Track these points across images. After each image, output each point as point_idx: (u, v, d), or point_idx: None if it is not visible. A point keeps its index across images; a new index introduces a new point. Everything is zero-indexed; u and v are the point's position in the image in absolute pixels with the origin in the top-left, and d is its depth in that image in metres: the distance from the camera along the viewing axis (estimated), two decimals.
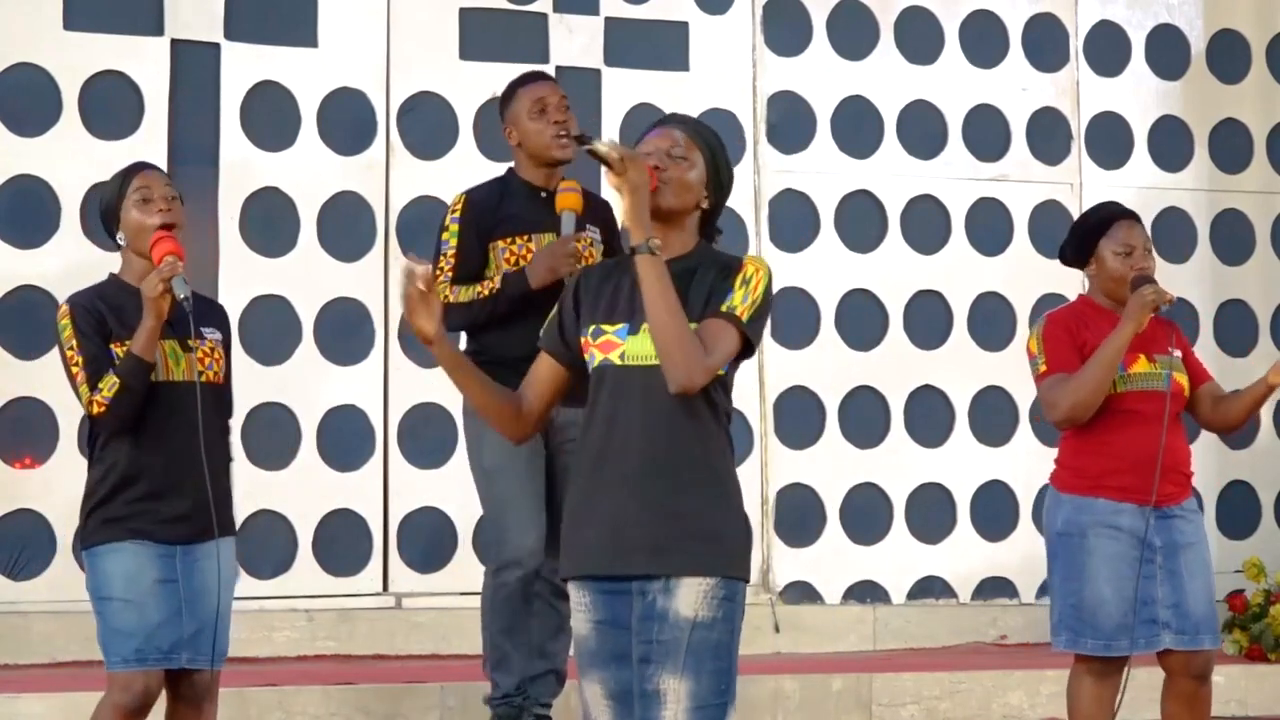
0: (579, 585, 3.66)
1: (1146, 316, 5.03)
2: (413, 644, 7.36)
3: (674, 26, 8.20)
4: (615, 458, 3.61)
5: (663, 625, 3.56)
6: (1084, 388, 5.02)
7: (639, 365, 3.61)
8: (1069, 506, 5.12)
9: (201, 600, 4.63)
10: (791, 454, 8.08)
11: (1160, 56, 8.82)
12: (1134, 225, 5.23)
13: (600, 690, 3.64)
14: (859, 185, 8.35)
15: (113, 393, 4.51)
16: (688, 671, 3.55)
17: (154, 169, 4.76)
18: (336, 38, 7.73)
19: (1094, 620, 5.03)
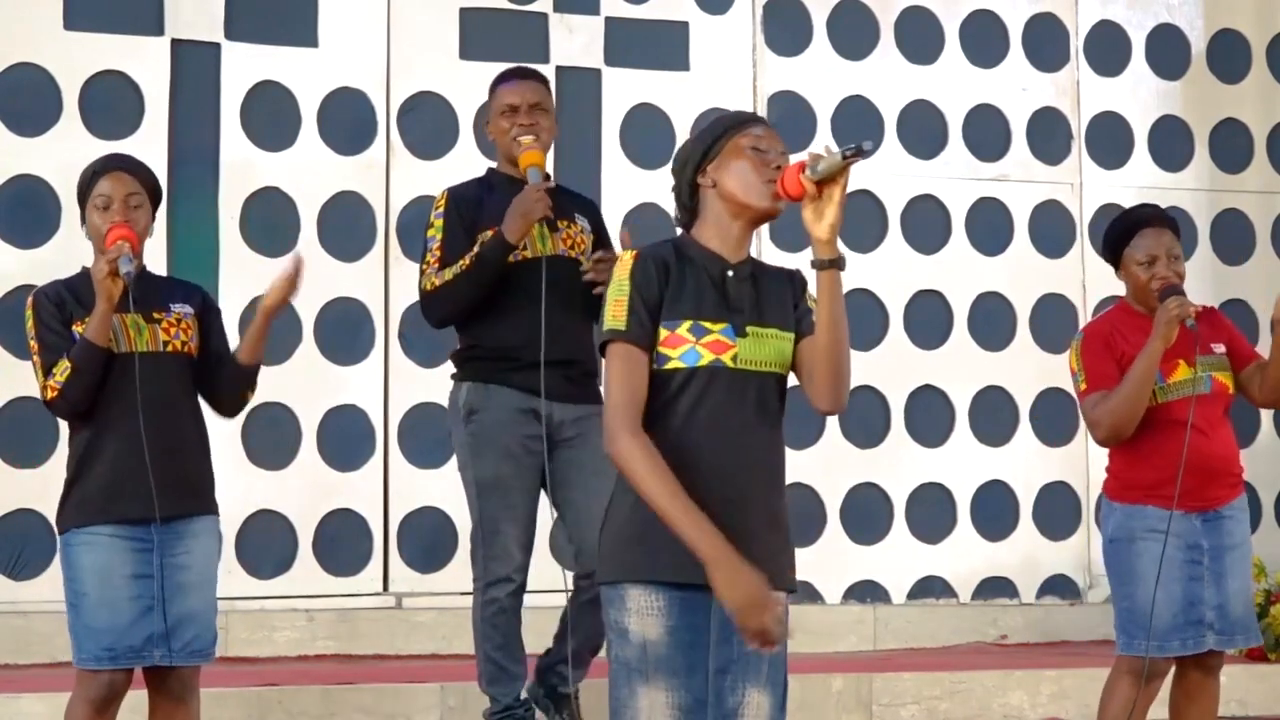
0: (651, 588, 3.47)
1: (1173, 331, 5.03)
2: (413, 644, 7.36)
3: (674, 26, 8.20)
4: (722, 461, 3.47)
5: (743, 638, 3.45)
6: (1121, 408, 5.05)
7: (753, 370, 3.55)
8: (1119, 514, 5.18)
9: (179, 595, 4.59)
10: (791, 454, 7.99)
11: (1160, 56, 8.82)
12: (1160, 232, 5.21)
13: (666, 699, 3.46)
14: (859, 185, 8.35)
15: (64, 376, 4.52)
16: (768, 685, 3.52)
17: (121, 172, 4.74)
18: (336, 38, 7.73)
19: (1146, 622, 5.07)
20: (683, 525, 3.37)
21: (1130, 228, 5.24)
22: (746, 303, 3.58)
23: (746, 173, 3.60)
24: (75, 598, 4.58)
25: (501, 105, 5.45)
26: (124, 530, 4.56)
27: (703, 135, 3.67)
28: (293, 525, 7.49)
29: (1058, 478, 8.42)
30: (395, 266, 7.67)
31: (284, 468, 7.50)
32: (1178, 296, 5.05)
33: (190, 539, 4.64)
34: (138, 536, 4.57)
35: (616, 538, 3.54)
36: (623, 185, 7.90)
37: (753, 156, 3.61)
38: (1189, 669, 5.20)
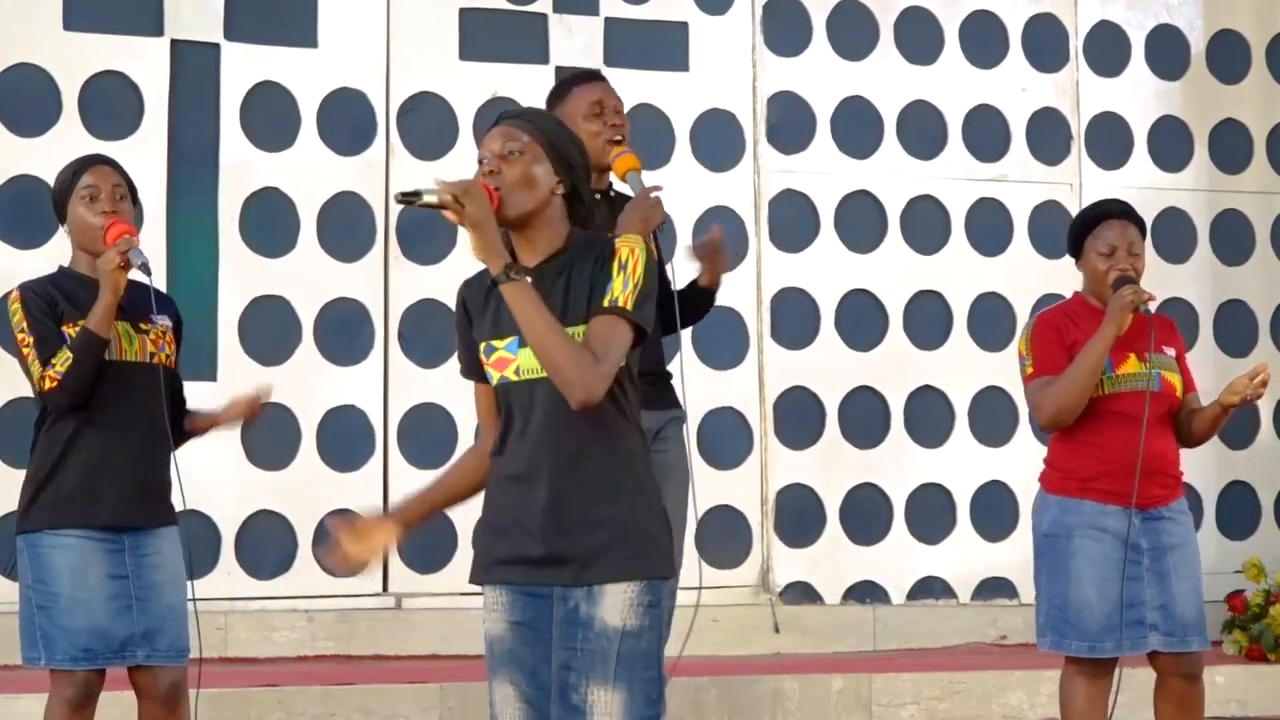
0: (497, 586, 3.56)
1: (1126, 318, 5.00)
2: (413, 644, 7.36)
3: (674, 26, 8.20)
4: (531, 471, 3.50)
5: (588, 633, 3.45)
6: (1068, 392, 5.00)
7: (536, 378, 3.49)
8: (1056, 508, 5.10)
9: (154, 594, 4.60)
10: (791, 454, 8.08)
11: (1160, 56, 8.83)
12: (1123, 225, 5.16)
13: (513, 693, 3.52)
14: (859, 185, 8.36)
15: (65, 367, 4.51)
16: (619, 683, 3.43)
17: (105, 164, 4.75)
18: (336, 38, 7.73)
19: (1079, 622, 5.01)
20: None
21: (1094, 219, 5.22)
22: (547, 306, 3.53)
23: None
24: (45, 599, 4.54)
25: (586, 106, 5.23)
26: (95, 534, 4.57)
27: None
28: (292, 525, 7.49)
29: None
30: (395, 267, 7.67)
31: (284, 468, 7.50)
32: (1132, 285, 5.02)
33: (159, 541, 4.65)
34: (108, 539, 4.58)
35: (476, 539, 3.67)
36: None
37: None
38: (1169, 676, 5.12)
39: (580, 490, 3.49)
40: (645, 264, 3.51)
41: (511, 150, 3.53)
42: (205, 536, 7.27)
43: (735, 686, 6.59)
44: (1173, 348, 5.20)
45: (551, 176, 3.56)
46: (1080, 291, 5.29)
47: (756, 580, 8.00)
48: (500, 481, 3.56)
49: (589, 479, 3.50)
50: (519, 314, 3.42)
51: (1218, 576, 7.63)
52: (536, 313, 3.41)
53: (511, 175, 3.52)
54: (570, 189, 3.59)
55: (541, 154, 3.55)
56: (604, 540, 3.48)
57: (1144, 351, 5.08)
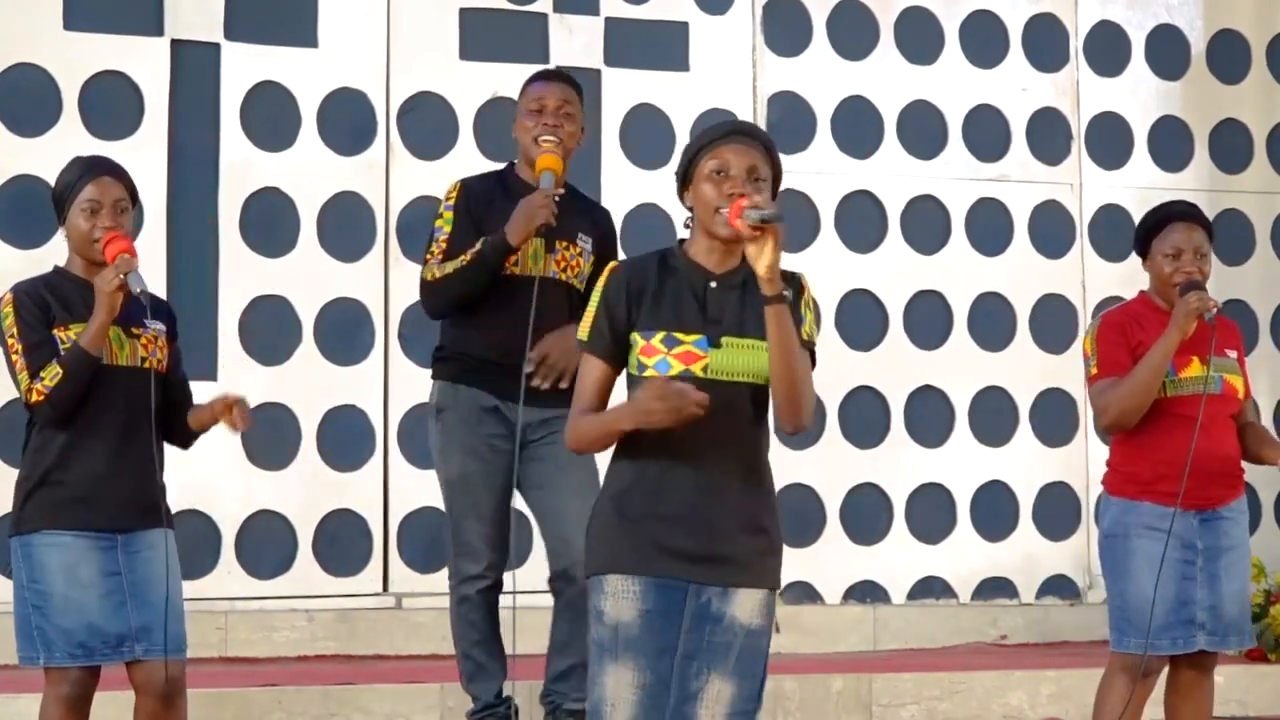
0: (628, 575, 3.66)
1: (1191, 324, 5.02)
2: (413, 644, 7.36)
3: (674, 26, 8.20)
4: (698, 465, 3.64)
5: (716, 627, 3.63)
6: (1131, 395, 5.04)
7: (725, 380, 3.66)
8: (1117, 508, 5.17)
9: (148, 590, 4.60)
10: (791, 454, 8.07)
11: (1160, 56, 8.82)
12: (1189, 227, 5.19)
13: (631, 679, 3.63)
14: (859, 185, 8.36)
15: (54, 381, 4.52)
16: (734, 675, 3.63)
17: (109, 175, 4.74)
18: (336, 38, 7.73)
19: (1137, 619, 5.07)
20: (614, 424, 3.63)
21: (1163, 220, 5.24)
22: (728, 313, 3.70)
23: (707, 200, 3.71)
24: (38, 598, 4.55)
25: (529, 103, 5.36)
26: (88, 533, 4.58)
27: (682, 157, 3.79)
28: (293, 525, 7.49)
29: (1057, 478, 8.42)
30: (395, 266, 7.67)
31: (284, 468, 7.50)
32: (1199, 291, 5.05)
33: (151, 538, 4.66)
34: (102, 537, 4.59)
35: (599, 533, 3.74)
36: (622, 186, 7.90)
37: (713, 181, 3.69)
38: (1182, 668, 5.19)
39: (751, 496, 3.70)
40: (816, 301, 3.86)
41: (761, 175, 3.71)
42: (205, 536, 7.27)
43: None
44: (1234, 350, 5.24)
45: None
46: (1145, 291, 5.30)
47: None
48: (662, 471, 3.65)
49: (758, 489, 3.72)
50: (783, 337, 3.62)
51: None
52: (794, 339, 3.65)
53: (758, 200, 3.64)
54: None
55: (771, 183, 3.79)
56: (760, 548, 3.70)
57: (1206, 355, 5.10)
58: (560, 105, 5.36)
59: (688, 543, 3.64)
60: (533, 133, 5.31)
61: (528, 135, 5.33)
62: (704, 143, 3.72)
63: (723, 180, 3.67)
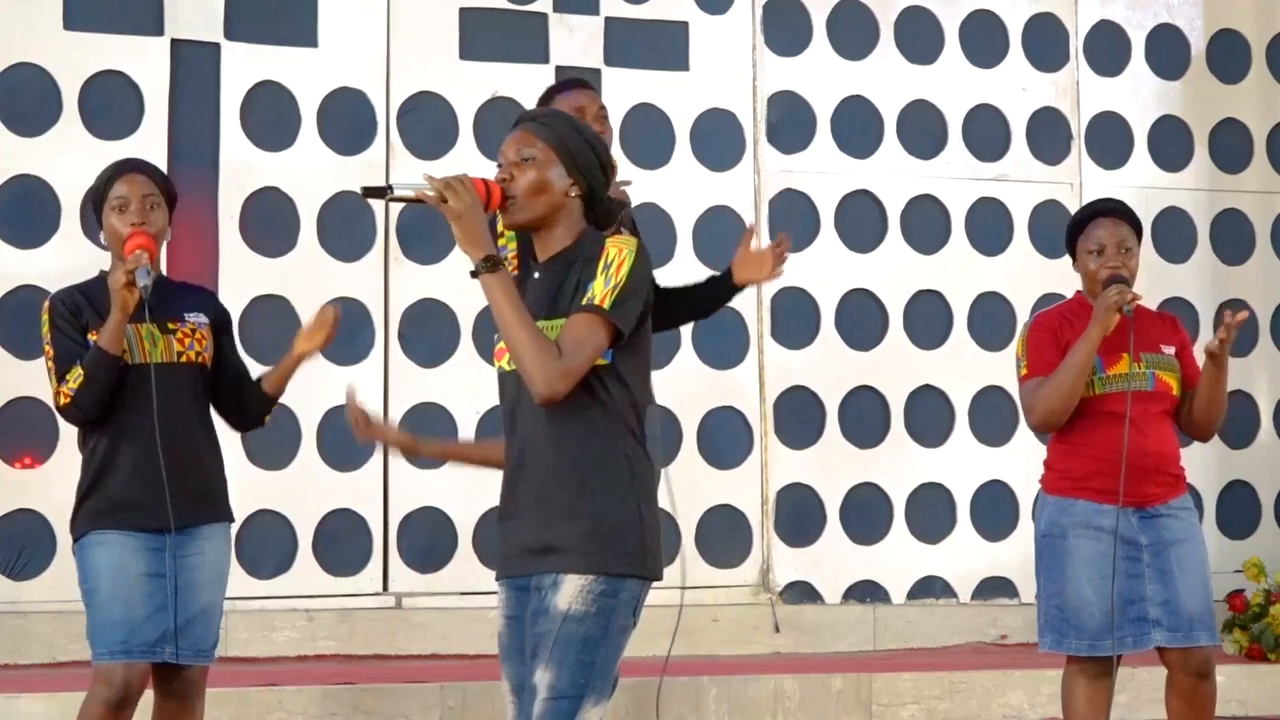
0: (499, 582, 3.73)
1: (1112, 318, 4.98)
2: (413, 644, 7.36)
3: (674, 26, 8.20)
4: (521, 462, 3.66)
5: (542, 619, 3.58)
6: (1056, 393, 5.01)
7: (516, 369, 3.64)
8: (1052, 508, 5.11)
9: (191, 594, 4.63)
10: (791, 454, 8.08)
11: (1160, 56, 8.83)
12: (1114, 222, 5.15)
13: (506, 685, 3.70)
14: (859, 185, 8.36)
15: (77, 384, 4.54)
16: (551, 663, 3.55)
17: (137, 173, 4.76)
18: (336, 38, 7.73)
19: (1077, 621, 5.01)
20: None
21: (1085, 219, 5.22)
22: (542, 301, 3.65)
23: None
24: (89, 595, 4.60)
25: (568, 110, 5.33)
26: (136, 534, 4.59)
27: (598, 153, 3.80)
28: (293, 525, 7.49)
29: None
30: (395, 266, 7.68)
31: (284, 468, 7.50)
32: (1119, 284, 5.00)
33: (203, 541, 4.68)
34: (150, 538, 4.61)
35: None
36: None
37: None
38: (1178, 673, 5.11)
39: (559, 482, 3.61)
40: (632, 265, 3.60)
41: (526, 156, 3.67)
42: None
43: (735, 686, 6.59)
44: (1173, 345, 5.19)
45: (565, 179, 3.68)
46: (1080, 291, 5.28)
47: (756, 580, 8.00)
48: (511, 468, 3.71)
49: (568, 471, 3.60)
50: (492, 305, 3.57)
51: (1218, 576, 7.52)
52: (509, 305, 3.55)
53: (524, 182, 3.66)
54: (587, 190, 3.71)
55: (555, 158, 3.67)
56: (579, 531, 3.58)
57: (1142, 351, 5.07)
58: (598, 112, 5.34)
59: (521, 539, 3.64)
60: None
61: None
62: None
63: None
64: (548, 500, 3.61)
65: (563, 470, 3.60)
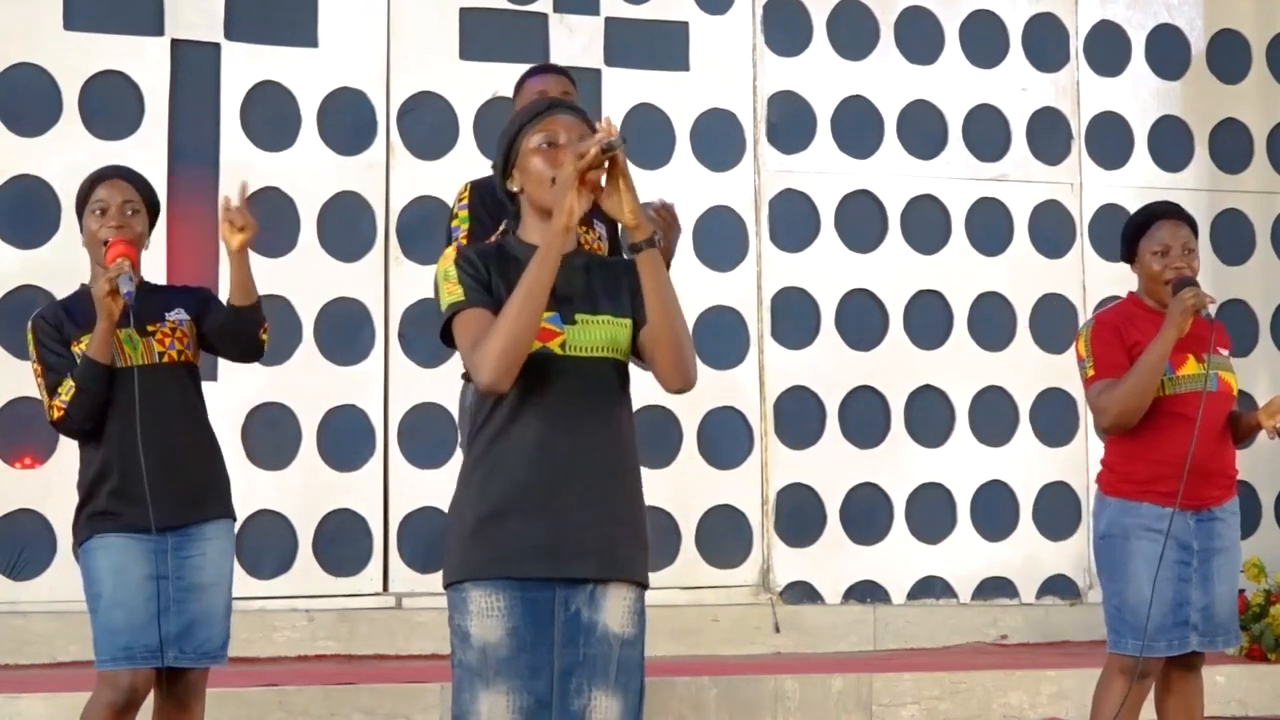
0: (491, 586, 3.41)
1: (1187, 321, 5.01)
2: (413, 644, 7.36)
3: (674, 26, 8.20)
4: (561, 451, 3.43)
5: (590, 638, 3.42)
6: (1130, 395, 5.02)
7: (584, 356, 3.48)
8: (1114, 509, 5.14)
9: (191, 596, 4.62)
10: (791, 454, 8.08)
11: (1160, 56, 8.83)
12: (1176, 225, 5.20)
13: (508, 703, 3.39)
14: (859, 185, 8.36)
15: (69, 395, 4.56)
16: (617, 688, 3.43)
17: (118, 179, 4.76)
18: (336, 38, 7.73)
19: (1135, 621, 5.05)
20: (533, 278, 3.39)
21: (1147, 220, 5.24)
22: (577, 291, 3.53)
23: (539, 173, 3.54)
24: (93, 600, 4.60)
25: (531, 97, 5.35)
26: (138, 535, 4.59)
27: (500, 143, 3.63)
28: (293, 525, 7.49)
29: (1058, 478, 8.42)
30: (395, 266, 7.67)
31: (284, 468, 7.50)
32: (1193, 287, 5.03)
33: (203, 542, 4.67)
34: (151, 539, 4.59)
35: (456, 536, 3.50)
36: None
37: (542, 154, 3.54)
38: (1171, 668, 5.18)
39: (615, 483, 3.48)
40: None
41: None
42: None
43: (735, 686, 6.59)
44: (1226, 349, 5.23)
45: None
46: (1135, 292, 5.29)
47: (756, 580, 8.00)
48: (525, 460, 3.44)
49: (622, 473, 3.50)
50: (660, 285, 3.47)
51: None
52: (670, 286, 3.50)
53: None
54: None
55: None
56: (628, 540, 3.49)
57: (1202, 352, 5.08)
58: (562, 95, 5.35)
59: (563, 537, 3.41)
60: None
61: None
62: (524, 121, 3.57)
63: (552, 150, 3.53)
64: (611, 502, 3.45)
65: (624, 473, 3.49)
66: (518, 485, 3.44)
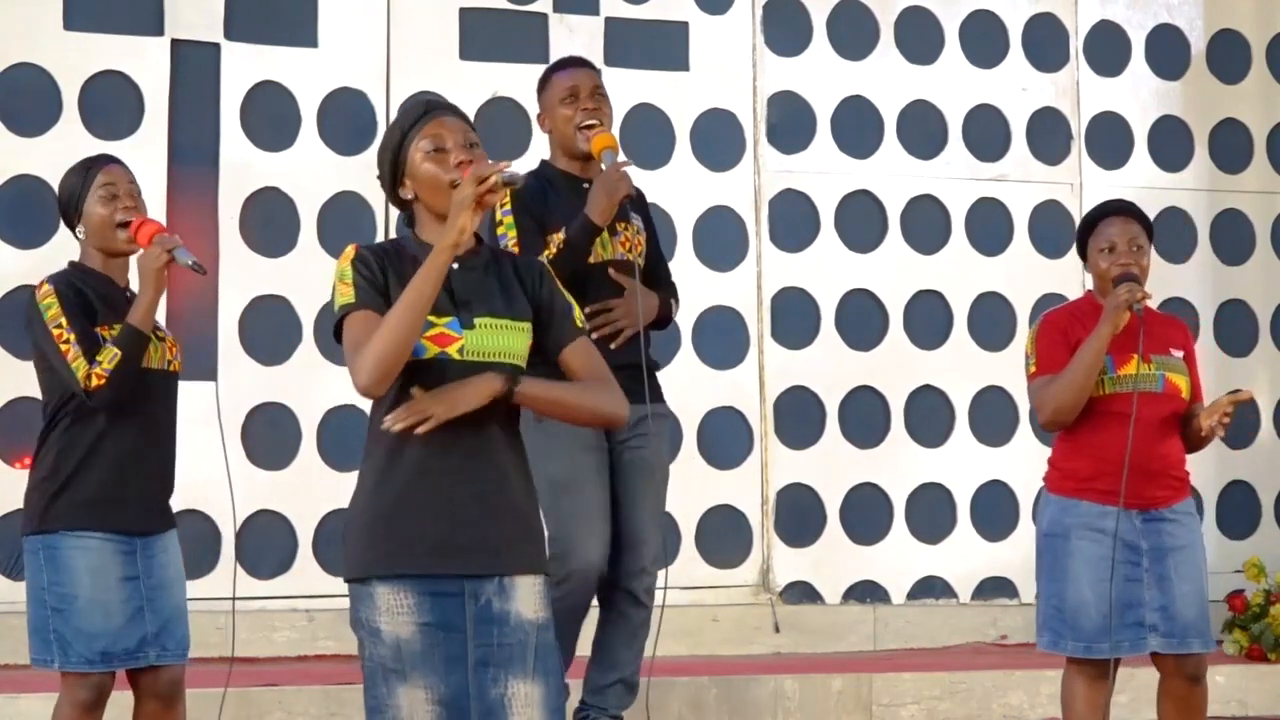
0: (397, 585, 3.46)
1: (1122, 316, 4.98)
2: None
3: (674, 26, 8.20)
4: (449, 451, 3.48)
5: (504, 628, 3.48)
6: (1065, 391, 5.00)
7: (482, 361, 3.51)
8: (1055, 507, 5.10)
9: (163, 594, 4.62)
10: (791, 454, 8.08)
11: (1160, 56, 8.83)
12: (1125, 221, 5.15)
13: (426, 696, 3.43)
14: (859, 185, 8.36)
15: (113, 364, 4.47)
16: (536, 675, 3.48)
17: (118, 164, 4.76)
18: (336, 38, 7.73)
19: (1075, 622, 5.01)
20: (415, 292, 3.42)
21: (1095, 218, 5.22)
22: (477, 294, 3.56)
23: (437, 178, 3.57)
24: (61, 601, 4.52)
25: (561, 92, 5.29)
26: (113, 536, 4.57)
27: (382, 152, 3.65)
28: (293, 525, 7.49)
29: None
30: None
31: (284, 468, 7.50)
32: (1130, 283, 4.99)
33: (165, 541, 4.69)
34: (124, 541, 4.59)
35: (359, 530, 3.54)
36: None
37: (433, 159, 3.57)
38: (1171, 677, 5.11)
39: (500, 479, 3.54)
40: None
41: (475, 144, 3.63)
42: (205, 536, 7.26)
43: (735, 686, 6.59)
44: (1182, 350, 5.19)
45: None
46: (1091, 290, 5.28)
47: (756, 580, 8.00)
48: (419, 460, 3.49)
49: (507, 470, 3.56)
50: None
51: (1218, 576, 7.60)
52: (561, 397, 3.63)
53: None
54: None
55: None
56: (516, 532, 3.55)
57: (1151, 353, 5.06)
58: (594, 89, 5.32)
59: (452, 533, 3.47)
60: (574, 121, 5.25)
61: (569, 124, 5.26)
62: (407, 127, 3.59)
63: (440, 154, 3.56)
64: (496, 498, 3.51)
65: (509, 469, 3.55)
66: (412, 485, 3.49)
